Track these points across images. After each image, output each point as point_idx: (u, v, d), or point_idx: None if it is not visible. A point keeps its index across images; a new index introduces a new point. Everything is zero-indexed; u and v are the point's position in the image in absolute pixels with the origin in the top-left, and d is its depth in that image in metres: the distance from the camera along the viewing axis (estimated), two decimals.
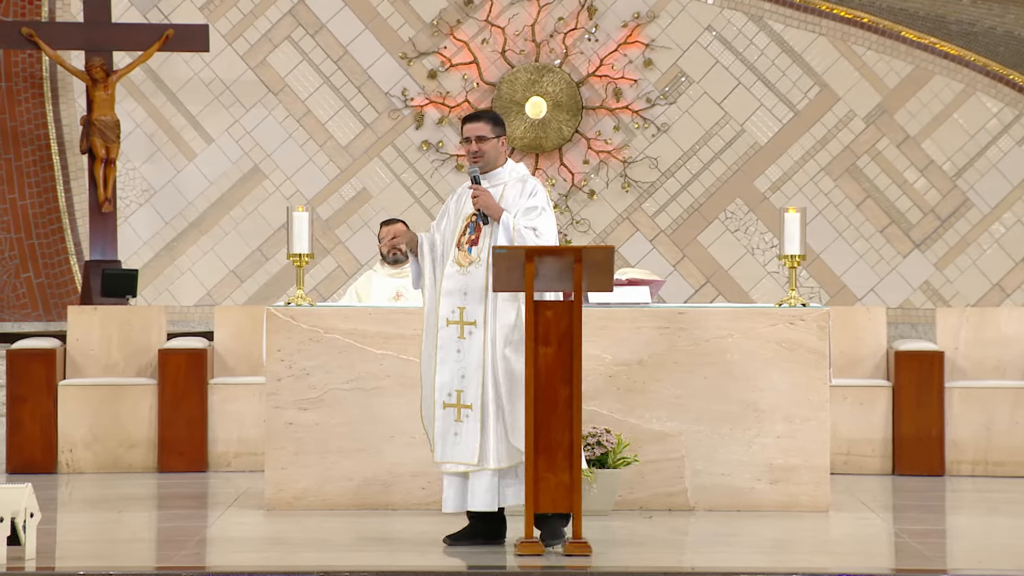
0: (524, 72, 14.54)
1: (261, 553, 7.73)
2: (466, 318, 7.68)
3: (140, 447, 10.74)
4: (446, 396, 7.68)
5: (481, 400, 7.64)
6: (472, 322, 7.67)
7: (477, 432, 7.63)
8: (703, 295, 14.43)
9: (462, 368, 7.66)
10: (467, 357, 7.67)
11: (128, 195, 14.49)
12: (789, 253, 9.08)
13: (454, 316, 7.68)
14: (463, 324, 7.68)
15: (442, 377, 7.69)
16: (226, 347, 11.09)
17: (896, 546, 8.10)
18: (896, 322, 14.06)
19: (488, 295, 7.68)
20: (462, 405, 7.65)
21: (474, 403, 7.64)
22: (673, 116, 14.55)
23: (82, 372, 11.03)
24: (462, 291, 7.69)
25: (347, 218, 14.56)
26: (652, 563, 7.45)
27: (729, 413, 8.98)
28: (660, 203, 14.57)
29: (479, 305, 7.69)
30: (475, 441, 7.62)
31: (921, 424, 10.63)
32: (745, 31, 14.54)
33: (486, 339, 7.66)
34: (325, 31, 14.59)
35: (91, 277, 13.59)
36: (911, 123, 14.46)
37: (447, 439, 7.68)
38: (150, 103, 14.53)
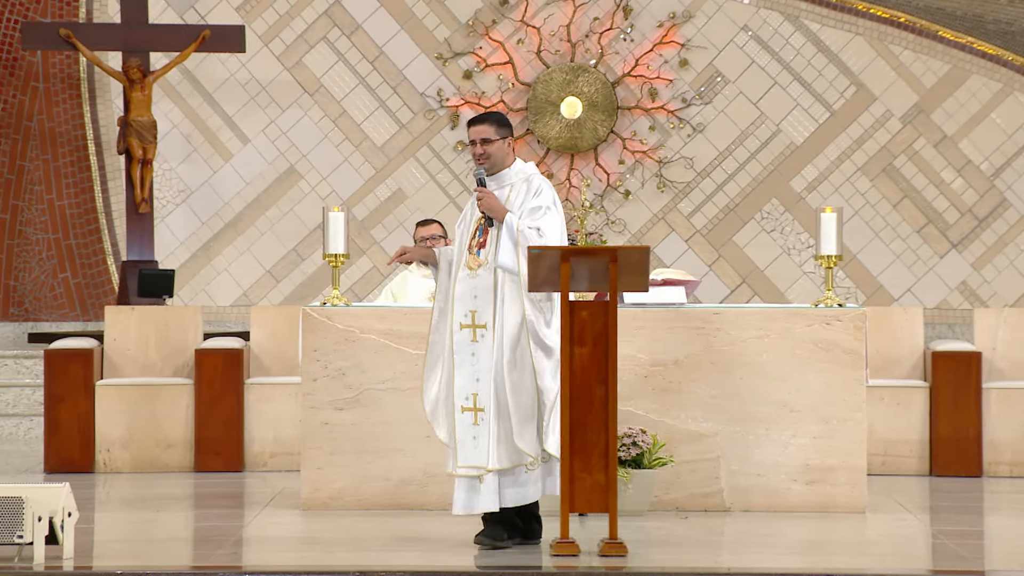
0: (559, 72, 14.54)
1: (297, 553, 7.74)
2: (478, 321, 7.68)
3: (177, 447, 10.78)
4: (464, 400, 7.67)
5: (494, 402, 7.65)
6: (483, 325, 7.67)
7: (488, 435, 7.64)
8: (739, 295, 14.40)
9: (476, 372, 7.66)
10: (480, 360, 7.67)
11: (165, 195, 14.55)
12: (825, 253, 9.05)
13: (467, 320, 7.67)
14: (475, 327, 7.67)
15: (459, 381, 7.68)
16: (262, 347, 11.12)
17: (933, 547, 8.07)
18: (933, 322, 14.00)
19: (496, 297, 7.66)
20: (477, 408, 7.65)
21: (487, 406, 7.64)
22: (709, 116, 14.53)
23: (119, 372, 11.07)
24: (472, 294, 7.68)
25: (382, 218, 14.58)
26: (688, 564, 7.44)
27: (765, 414, 8.97)
28: (695, 203, 14.55)
29: (488, 307, 7.69)
30: (488, 443, 7.63)
31: (958, 425, 10.58)
32: (781, 31, 14.51)
33: (494, 341, 7.66)
34: (361, 32, 14.61)
35: (128, 277, 13.64)
36: (948, 123, 14.40)
37: (466, 444, 7.66)
38: (187, 104, 14.57)
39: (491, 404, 7.64)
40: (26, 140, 14.54)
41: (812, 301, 9.42)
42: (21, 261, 14.52)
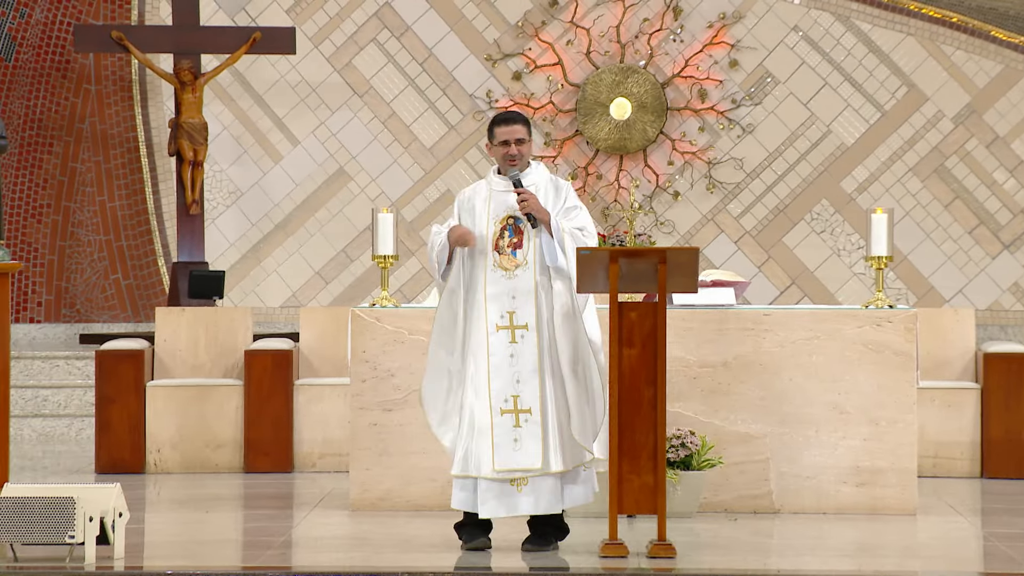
0: (609, 73, 14.52)
1: (346, 553, 7.76)
2: (516, 322, 7.63)
3: (226, 447, 10.82)
4: (502, 402, 7.62)
5: (541, 403, 7.61)
6: (523, 325, 7.61)
7: (539, 436, 7.59)
8: (788, 297, 14.35)
9: (516, 373, 7.61)
10: (521, 361, 7.61)
11: (215, 197, 14.61)
12: (876, 254, 9.01)
13: (503, 321, 7.61)
14: (514, 328, 7.63)
15: (497, 384, 7.61)
16: (311, 348, 11.15)
17: (985, 550, 8.02)
18: (985, 324, 13.91)
19: (537, 297, 7.62)
20: (520, 410, 7.61)
21: (533, 407, 7.60)
22: (759, 117, 14.48)
23: (169, 373, 11.13)
24: (510, 295, 7.62)
25: (431, 220, 14.60)
26: (737, 566, 7.42)
27: (814, 415, 8.93)
28: (745, 204, 14.51)
29: (529, 308, 7.63)
30: (537, 445, 7.58)
31: (1010, 426, 10.51)
32: (832, 31, 14.45)
33: (540, 340, 7.63)
34: (410, 33, 14.64)
35: (179, 279, 13.71)
36: (1000, 123, 14.31)
37: (505, 447, 7.61)
38: (237, 106, 14.64)
39: (539, 405, 7.61)
40: (78, 142, 14.63)
41: (862, 302, 9.37)
42: (73, 263, 14.61)
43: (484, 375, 7.63)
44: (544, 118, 14.54)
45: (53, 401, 12.77)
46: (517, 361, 7.61)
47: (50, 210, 14.60)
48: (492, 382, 7.62)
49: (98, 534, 7.29)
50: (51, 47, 14.62)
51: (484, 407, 7.63)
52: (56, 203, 14.60)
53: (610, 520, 7.47)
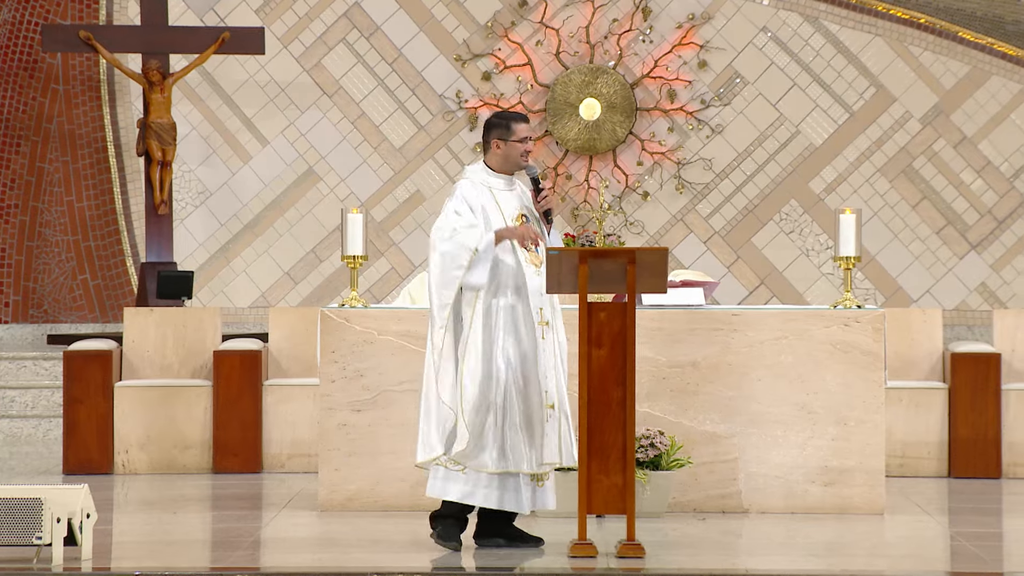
0: (578, 74, 14.54)
1: (315, 554, 7.75)
2: (544, 318, 7.71)
3: (195, 448, 10.79)
4: (546, 397, 7.68)
5: (558, 398, 7.66)
6: (546, 322, 7.71)
7: (557, 431, 7.65)
8: (757, 297, 14.38)
9: (544, 368, 7.67)
10: (546, 356, 7.67)
11: (184, 197, 14.58)
12: (844, 255, 9.04)
13: (538, 317, 7.69)
14: (544, 324, 7.69)
15: (544, 379, 7.67)
16: (280, 349, 11.14)
17: (952, 549, 8.05)
18: (952, 324, 13.96)
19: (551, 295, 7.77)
20: (547, 405, 7.66)
21: (555, 402, 7.65)
22: (727, 117, 14.51)
23: (138, 373, 11.10)
24: (539, 291, 7.70)
25: (401, 220, 14.59)
26: (705, 566, 7.43)
27: (783, 415, 8.96)
28: (714, 205, 14.53)
29: (549, 304, 7.75)
30: (556, 440, 7.64)
31: (977, 426, 10.56)
32: (800, 32, 14.49)
33: (556, 336, 7.73)
34: (380, 33, 14.63)
35: (147, 279, 13.67)
36: (968, 124, 14.37)
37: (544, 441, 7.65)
38: (206, 106, 14.60)
39: (558, 400, 7.67)
40: (46, 142, 14.58)
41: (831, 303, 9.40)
42: (40, 263, 14.56)
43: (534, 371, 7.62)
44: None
45: (20, 402, 12.72)
46: (543, 357, 7.66)
47: (17, 210, 14.54)
48: (542, 378, 7.64)
49: (66, 535, 7.27)
50: (18, 47, 14.57)
51: (535, 402, 7.63)
52: (24, 203, 14.55)
53: (579, 520, 7.48)
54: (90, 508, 7.37)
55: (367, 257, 9.20)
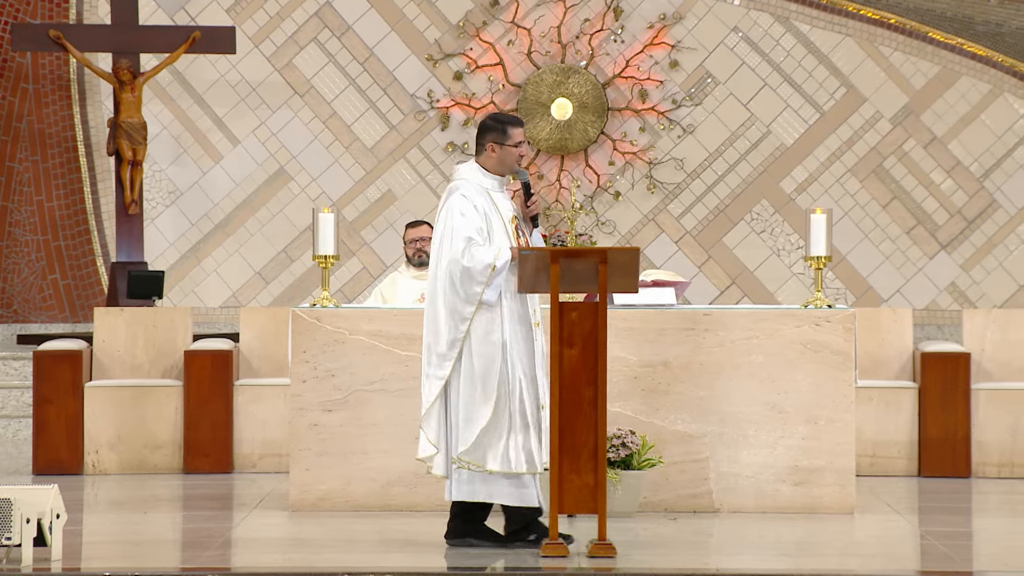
0: (550, 73, 14.54)
1: (286, 554, 7.74)
2: (536, 319, 7.79)
3: (165, 448, 10.77)
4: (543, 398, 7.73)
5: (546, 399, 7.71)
6: (538, 323, 7.79)
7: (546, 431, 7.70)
8: (728, 297, 14.41)
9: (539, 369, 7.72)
10: (538, 357, 7.74)
11: (154, 197, 14.54)
12: (815, 254, 9.06)
13: (534, 318, 7.76)
14: (536, 326, 7.77)
15: (541, 380, 7.72)
16: (251, 348, 11.12)
17: (922, 548, 8.08)
18: (922, 323, 14.01)
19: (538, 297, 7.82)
20: (541, 406, 7.71)
21: (546, 403, 7.69)
22: (699, 117, 14.53)
23: (108, 373, 11.06)
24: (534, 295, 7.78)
25: (372, 220, 14.58)
26: (676, 565, 7.44)
27: (754, 415, 8.98)
28: (685, 204, 14.55)
29: (538, 306, 7.84)
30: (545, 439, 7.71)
31: (947, 426, 10.60)
32: (771, 32, 14.52)
33: (543, 338, 7.80)
34: (351, 33, 14.61)
35: (117, 279, 13.63)
36: (938, 124, 14.42)
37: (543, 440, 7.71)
38: (176, 105, 14.57)
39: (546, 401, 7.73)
40: (15, 141, 14.52)
41: (801, 302, 9.43)
42: (10, 263, 14.50)
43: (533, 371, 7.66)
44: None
45: None
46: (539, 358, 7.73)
47: None
48: (540, 379, 7.69)
49: (35, 535, 7.24)
50: None
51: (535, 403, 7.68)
52: None
53: (550, 520, 7.49)
54: (60, 508, 7.35)
55: (338, 257, 9.19)
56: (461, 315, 7.62)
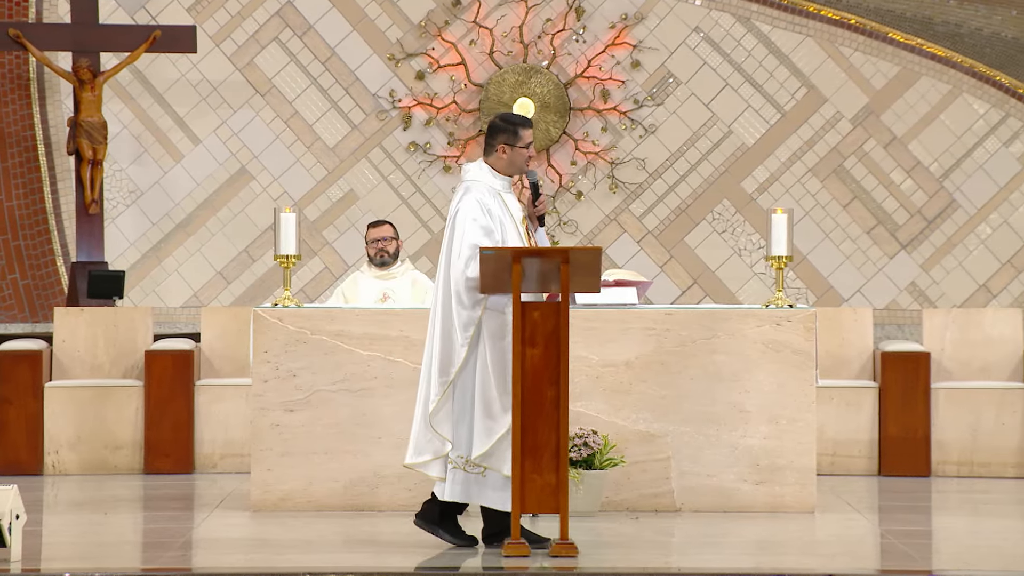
0: (512, 73, 14.55)
1: (247, 555, 7.72)
2: None
3: (126, 448, 10.73)
4: None
5: None
6: None
7: None
8: (690, 296, 14.44)
9: None
10: None
11: (115, 196, 14.48)
12: (776, 254, 9.09)
13: None
14: None
15: None
16: (212, 348, 11.09)
17: (882, 547, 8.11)
18: (882, 323, 14.07)
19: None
20: None
21: None
22: (660, 117, 14.56)
23: (68, 374, 11.02)
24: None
25: (334, 219, 14.55)
26: (638, 564, 7.46)
27: (715, 414, 9.00)
28: (647, 204, 14.58)
29: None
30: None
31: (907, 425, 10.64)
32: (732, 32, 14.55)
33: None
34: (312, 32, 14.58)
35: (77, 278, 13.57)
36: (898, 124, 14.48)
37: None
38: (137, 104, 14.51)
39: None
40: None
41: (763, 302, 9.45)
42: None
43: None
44: (447, 118, 14.54)
45: None
46: None
47: None
48: None
49: None
50: None
51: None
52: None
53: (512, 519, 7.49)
54: (19, 509, 7.31)
55: (300, 256, 9.17)
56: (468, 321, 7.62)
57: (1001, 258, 14.39)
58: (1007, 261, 14.39)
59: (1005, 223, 14.40)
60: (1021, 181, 14.40)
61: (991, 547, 8.02)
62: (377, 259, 10.65)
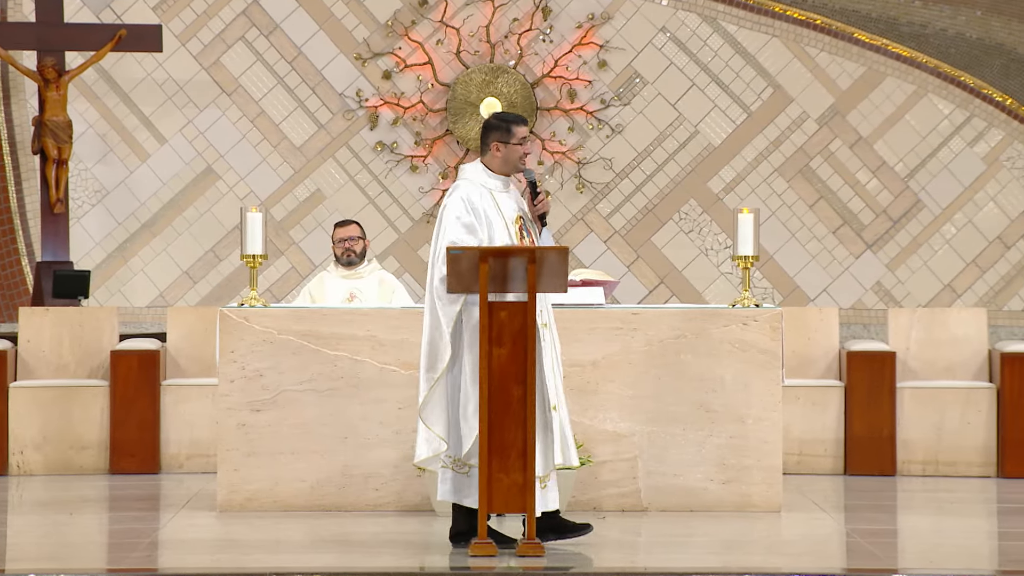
0: (479, 73, 14.55)
1: (213, 555, 7.71)
2: (543, 320, 7.77)
3: (91, 449, 10.69)
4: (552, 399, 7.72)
5: (557, 399, 7.71)
6: (545, 324, 7.78)
7: (558, 432, 7.68)
8: (657, 296, 14.46)
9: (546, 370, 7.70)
10: (546, 358, 7.72)
11: (80, 196, 14.43)
12: (742, 254, 9.11)
13: (540, 319, 7.73)
14: (543, 327, 7.74)
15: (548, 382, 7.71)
16: (178, 348, 11.06)
17: (848, 546, 8.14)
18: (848, 323, 14.12)
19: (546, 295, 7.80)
20: (552, 407, 7.71)
21: (557, 403, 7.68)
22: (627, 117, 14.58)
23: (33, 374, 10.97)
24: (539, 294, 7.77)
25: (301, 219, 14.53)
26: (605, 564, 7.47)
27: (682, 414, 9.01)
28: (614, 204, 14.60)
29: (547, 306, 7.83)
30: (557, 441, 7.67)
31: (873, 424, 10.68)
32: (699, 32, 14.58)
33: (553, 337, 7.80)
34: (279, 31, 14.55)
35: (42, 278, 13.52)
36: (863, 124, 14.53)
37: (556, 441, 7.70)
38: (102, 104, 14.46)
39: (556, 401, 7.70)
40: None
41: (729, 302, 9.48)
42: None
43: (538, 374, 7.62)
44: (414, 117, 14.53)
45: None
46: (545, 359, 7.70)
47: None
48: (549, 379, 7.67)
49: None
50: None
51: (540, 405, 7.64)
52: None
53: (479, 519, 7.49)
54: None
55: (267, 256, 9.16)
56: (448, 317, 7.63)
57: (966, 258, 14.45)
58: (972, 261, 14.46)
59: (970, 223, 14.46)
60: (985, 181, 14.47)
61: (956, 546, 8.05)
62: (344, 259, 10.64)
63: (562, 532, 7.78)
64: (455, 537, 7.75)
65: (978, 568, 7.32)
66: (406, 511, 8.91)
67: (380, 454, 8.97)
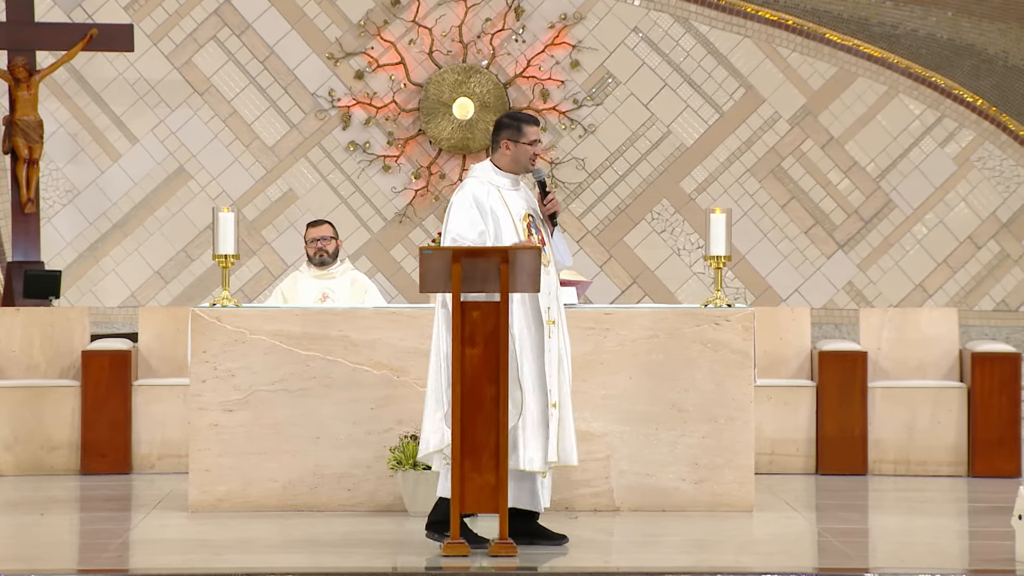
0: (451, 73, 14.54)
1: (184, 555, 7.69)
2: (551, 317, 7.78)
3: (62, 449, 10.66)
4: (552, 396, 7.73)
5: (559, 397, 7.70)
6: (553, 321, 7.79)
7: (556, 429, 7.66)
8: (629, 296, 14.48)
9: (551, 367, 7.74)
10: (550, 355, 7.74)
11: (51, 196, 14.38)
12: (715, 254, 9.12)
13: (546, 316, 7.76)
14: (549, 323, 7.77)
15: (549, 378, 7.73)
16: (150, 348, 11.03)
17: (819, 545, 8.16)
18: (820, 322, 14.15)
19: (558, 292, 7.85)
20: (552, 404, 7.72)
21: (557, 401, 7.68)
22: (600, 117, 14.59)
23: (4, 374, 10.93)
24: (547, 291, 7.79)
25: (273, 219, 14.51)
26: (577, 564, 7.47)
27: (654, 413, 9.02)
28: (587, 204, 14.61)
29: (556, 304, 7.84)
30: (555, 438, 7.68)
31: (844, 424, 10.71)
32: (671, 32, 14.60)
33: (561, 335, 7.81)
34: (251, 31, 14.53)
35: (13, 278, 13.48)
36: (835, 125, 14.57)
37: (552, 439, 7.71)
38: (74, 103, 14.42)
39: (559, 399, 7.73)
40: None
41: (701, 301, 9.49)
42: None
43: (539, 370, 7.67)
44: (387, 117, 14.52)
45: None
46: (552, 355, 7.74)
47: None
48: (549, 377, 7.70)
49: None
50: None
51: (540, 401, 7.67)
52: None
53: (452, 519, 7.49)
54: None
55: (239, 256, 9.14)
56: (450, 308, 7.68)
57: (937, 258, 14.50)
58: (943, 261, 14.51)
59: (941, 223, 14.51)
60: (956, 182, 14.52)
61: (926, 545, 8.08)
62: (316, 259, 10.63)
63: (536, 538, 7.78)
64: (432, 525, 7.74)
65: (948, 567, 7.35)
66: (378, 511, 8.90)
67: (352, 454, 8.97)
